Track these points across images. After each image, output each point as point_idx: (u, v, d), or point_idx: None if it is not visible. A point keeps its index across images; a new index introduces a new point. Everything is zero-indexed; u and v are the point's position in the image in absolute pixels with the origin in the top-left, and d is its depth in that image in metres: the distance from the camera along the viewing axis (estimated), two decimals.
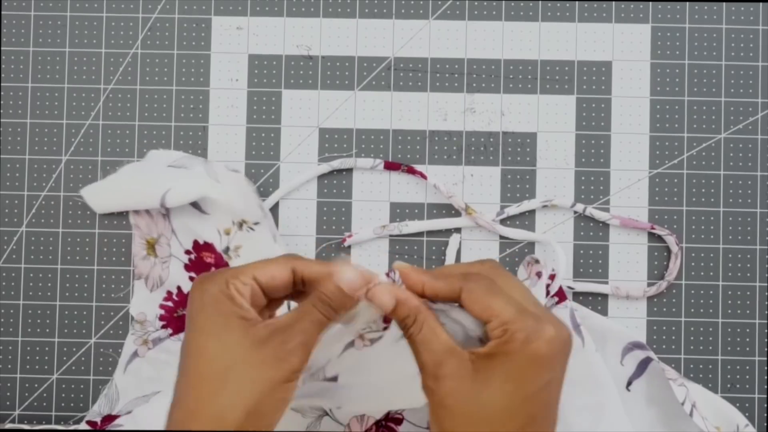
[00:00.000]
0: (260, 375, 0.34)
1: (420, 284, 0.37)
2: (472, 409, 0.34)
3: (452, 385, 0.34)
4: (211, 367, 0.34)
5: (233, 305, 0.35)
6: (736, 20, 0.56)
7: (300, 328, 0.35)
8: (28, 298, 0.56)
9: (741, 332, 0.55)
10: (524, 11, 0.56)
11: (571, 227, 0.56)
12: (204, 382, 0.34)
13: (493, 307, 0.34)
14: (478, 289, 0.35)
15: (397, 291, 0.37)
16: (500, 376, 0.34)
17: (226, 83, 0.57)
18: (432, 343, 0.35)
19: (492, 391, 0.34)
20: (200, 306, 0.35)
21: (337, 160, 0.55)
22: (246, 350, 0.34)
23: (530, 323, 0.34)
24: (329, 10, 0.57)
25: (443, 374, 0.34)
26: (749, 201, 0.55)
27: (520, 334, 0.33)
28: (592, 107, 0.56)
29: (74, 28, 0.57)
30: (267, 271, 0.36)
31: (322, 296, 0.36)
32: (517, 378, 0.33)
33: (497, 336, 0.34)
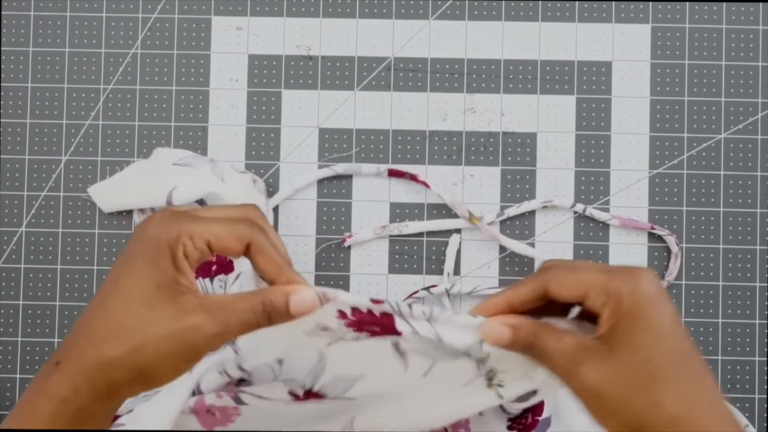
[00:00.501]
0: (165, 342, 0.33)
1: (504, 303, 0.36)
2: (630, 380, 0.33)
3: (598, 373, 0.33)
4: (123, 310, 0.33)
5: (173, 267, 0.34)
6: (736, 20, 0.56)
7: (226, 320, 0.34)
8: (28, 298, 0.56)
9: (741, 332, 0.55)
10: (524, 11, 0.56)
11: (571, 227, 0.56)
12: (109, 320, 0.33)
13: (583, 279, 0.34)
14: (560, 273, 0.35)
15: (508, 319, 0.35)
16: (635, 337, 0.33)
17: (226, 83, 0.57)
18: (560, 347, 0.34)
19: (637, 352, 0.33)
20: (144, 248, 0.34)
21: (341, 165, 0.55)
22: (164, 313, 0.33)
23: (623, 275, 0.34)
24: (329, 10, 0.57)
25: (585, 369, 0.33)
26: (749, 201, 0.55)
27: (624, 288, 0.33)
28: (592, 107, 0.56)
29: (74, 28, 0.57)
30: (223, 240, 0.35)
31: (268, 305, 0.35)
32: (649, 327, 0.33)
33: (602, 303, 0.34)
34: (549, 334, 0.35)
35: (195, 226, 0.35)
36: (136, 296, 0.33)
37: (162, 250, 0.34)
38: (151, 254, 0.34)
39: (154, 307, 0.33)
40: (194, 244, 0.34)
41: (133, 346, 0.33)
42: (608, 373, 0.33)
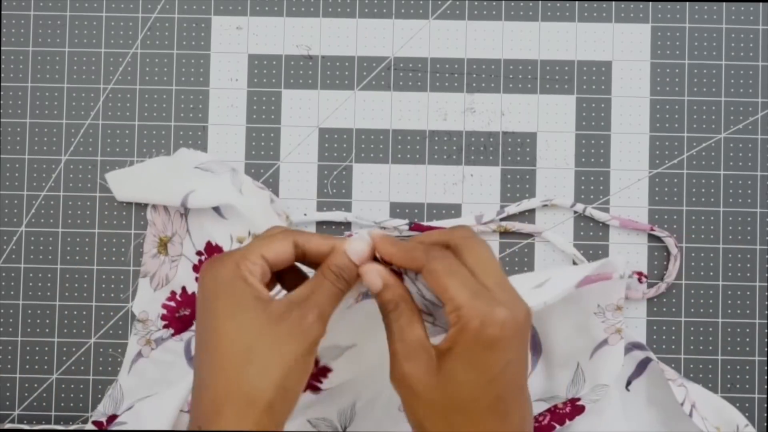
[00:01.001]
0: (283, 349, 0.34)
1: (387, 255, 0.38)
2: (440, 400, 0.35)
3: (420, 377, 0.35)
4: (234, 348, 0.34)
5: (247, 286, 0.35)
6: (736, 20, 0.56)
7: (315, 301, 0.36)
8: (27, 298, 0.56)
9: (741, 332, 0.55)
10: (524, 11, 0.56)
11: (571, 227, 0.56)
12: (230, 362, 0.34)
13: (449, 290, 0.35)
14: (438, 269, 0.35)
15: (385, 275, 0.37)
16: (461, 366, 0.34)
17: (225, 83, 0.57)
18: (406, 334, 0.36)
19: (457, 382, 0.34)
20: (214, 290, 0.35)
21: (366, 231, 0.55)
22: (266, 327, 0.34)
23: (482, 308, 0.34)
24: (329, 9, 0.57)
25: (411, 367, 0.35)
26: (749, 201, 0.55)
27: (474, 321, 0.33)
28: (592, 107, 0.56)
29: (74, 27, 0.57)
30: (272, 249, 0.37)
31: (334, 268, 0.37)
32: (476, 365, 0.34)
33: (453, 322, 0.34)
34: (406, 315, 0.36)
35: (244, 250, 0.36)
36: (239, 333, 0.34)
37: (230, 281, 0.35)
38: (224, 291, 0.35)
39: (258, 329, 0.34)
40: (253, 262, 0.36)
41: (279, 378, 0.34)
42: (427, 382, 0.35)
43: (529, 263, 0.55)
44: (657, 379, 0.53)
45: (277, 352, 0.34)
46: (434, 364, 0.35)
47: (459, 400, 0.34)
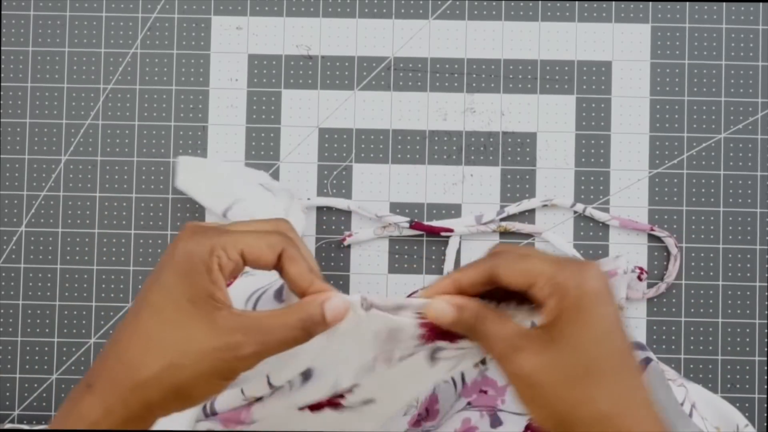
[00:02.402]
0: (202, 362, 0.32)
1: (452, 285, 0.36)
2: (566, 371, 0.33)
3: (535, 362, 0.33)
4: (159, 330, 0.32)
5: (208, 281, 0.33)
6: (736, 20, 0.56)
7: (263, 340, 0.33)
8: (27, 298, 0.56)
9: (741, 332, 0.55)
10: (524, 11, 0.56)
11: (571, 227, 0.56)
12: (146, 341, 0.32)
13: (532, 268, 0.34)
14: (510, 259, 0.35)
15: (452, 299, 0.35)
16: (575, 330, 0.33)
17: (225, 83, 0.57)
18: (501, 332, 0.34)
19: (576, 348, 0.33)
20: (175, 264, 0.33)
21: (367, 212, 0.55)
22: (200, 332, 0.32)
23: (571, 269, 0.33)
24: (329, 10, 0.57)
25: (522, 357, 0.33)
26: (749, 201, 0.55)
27: (571, 282, 0.33)
28: (592, 107, 0.56)
29: (74, 27, 0.57)
30: (255, 252, 0.34)
31: (306, 322, 0.34)
32: (589, 323, 0.33)
33: (547, 294, 0.33)
34: (492, 317, 0.35)
35: (228, 238, 0.34)
36: (169, 312, 0.33)
37: (195, 264, 0.33)
38: (183, 268, 0.33)
39: (189, 323, 0.32)
40: (228, 255, 0.34)
41: (168, 364, 0.32)
42: (544, 363, 0.33)
43: None
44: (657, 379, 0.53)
45: (195, 360, 0.32)
46: (544, 340, 0.33)
47: (584, 365, 0.33)
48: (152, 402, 0.32)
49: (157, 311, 0.33)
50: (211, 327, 0.32)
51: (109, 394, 0.32)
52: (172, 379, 0.32)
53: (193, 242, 0.34)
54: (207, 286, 0.33)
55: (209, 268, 0.33)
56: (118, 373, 0.32)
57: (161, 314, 0.33)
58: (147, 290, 0.34)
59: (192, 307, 0.33)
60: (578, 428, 0.33)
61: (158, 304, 0.33)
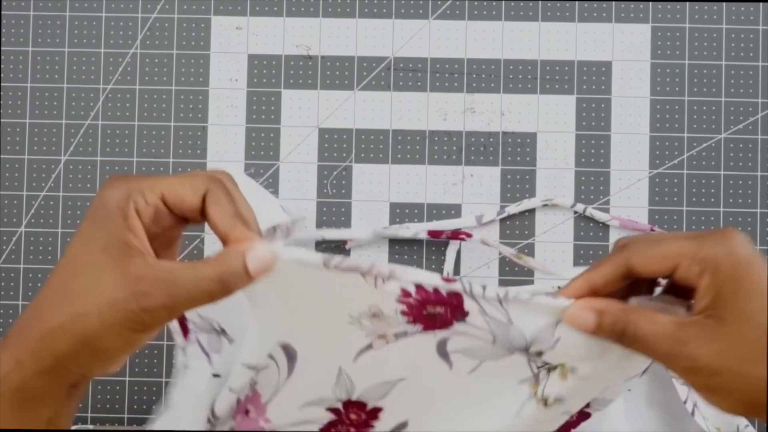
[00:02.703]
0: (109, 311, 0.30)
1: (585, 286, 0.33)
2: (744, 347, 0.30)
3: (710, 350, 0.31)
4: (71, 280, 0.31)
5: (123, 227, 0.31)
6: (736, 20, 0.56)
7: (172, 291, 0.31)
8: (27, 298, 0.56)
9: None
10: (524, 11, 0.56)
11: (571, 228, 0.56)
12: (57, 293, 0.31)
13: (671, 250, 0.32)
14: (643, 247, 0.32)
15: (592, 302, 0.33)
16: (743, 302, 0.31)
17: (225, 83, 0.57)
18: (658, 330, 0.31)
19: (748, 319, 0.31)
20: (93, 213, 0.32)
21: (391, 228, 0.55)
22: (108, 280, 0.31)
23: (714, 239, 0.31)
24: (329, 10, 0.57)
25: (692, 349, 0.31)
26: (749, 201, 0.55)
27: (720, 253, 0.31)
28: (592, 107, 0.56)
29: (73, 27, 0.57)
30: (176, 192, 0.32)
31: (224, 275, 0.31)
32: (756, 289, 0.31)
33: (697, 273, 0.31)
34: (641, 316, 0.32)
35: (147, 181, 0.32)
36: (80, 260, 0.31)
37: (110, 210, 0.31)
38: (98, 215, 0.32)
39: (98, 271, 0.31)
40: (146, 200, 0.32)
41: (74, 313, 0.31)
42: (720, 348, 0.30)
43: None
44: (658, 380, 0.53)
45: (102, 309, 0.30)
46: (711, 324, 0.31)
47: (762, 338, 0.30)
48: (61, 353, 0.31)
49: (70, 261, 0.32)
50: (121, 275, 0.31)
51: (19, 346, 0.31)
52: (79, 329, 0.31)
53: (111, 189, 0.32)
54: (121, 233, 0.31)
55: (125, 213, 0.31)
56: (29, 325, 0.32)
57: (74, 264, 0.32)
58: (70, 243, 0.32)
59: (104, 255, 0.31)
60: None
61: (73, 254, 0.32)
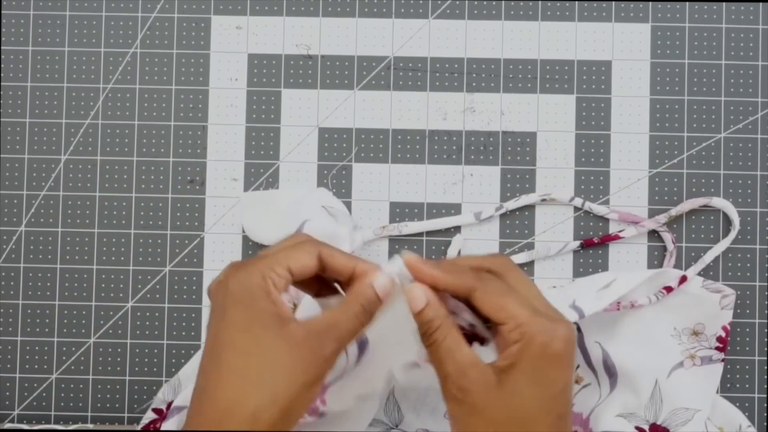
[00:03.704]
0: (295, 375, 0.34)
1: (430, 278, 0.37)
2: (502, 416, 0.34)
3: (480, 394, 0.34)
4: (245, 364, 0.34)
5: (270, 302, 0.34)
6: (736, 20, 0.56)
7: (336, 334, 0.35)
8: (27, 297, 0.56)
9: (741, 332, 0.55)
10: (524, 11, 0.56)
11: (571, 227, 0.55)
12: (238, 378, 0.34)
13: (508, 309, 0.35)
14: (492, 290, 0.36)
15: (429, 293, 0.36)
16: (526, 381, 0.34)
17: (225, 83, 0.57)
18: (456, 354, 0.35)
19: (521, 398, 0.34)
20: (234, 298, 0.35)
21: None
22: (281, 350, 0.34)
23: (546, 324, 0.34)
24: (329, 9, 0.57)
25: (469, 385, 0.35)
26: (749, 200, 0.55)
27: (540, 336, 0.34)
28: (592, 107, 0.56)
29: (73, 27, 0.57)
30: (299, 261, 0.36)
31: (364, 303, 0.36)
32: (542, 380, 0.34)
33: (514, 339, 0.34)
34: (452, 334, 0.36)
35: (272, 259, 0.36)
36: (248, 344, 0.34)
37: (254, 292, 0.34)
38: (245, 300, 0.34)
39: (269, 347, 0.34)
40: (278, 274, 0.35)
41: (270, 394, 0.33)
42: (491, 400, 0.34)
43: (530, 264, 0.55)
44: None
45: (288, 377, 0.34)
46: (492, 380, 0.34)
47: (522, 417, 0.34)
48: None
49: (236, 347, 0.34)
50: (290, 342, 0.34)
51: None
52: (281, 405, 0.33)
53: (242, 274, 0.35)
54: (271, 308, 0.34)
55: (267, 291, 0.35)
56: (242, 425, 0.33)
57: (242, 349, 0.34)
58: (217, 333, 0.35)
59: (266, 332, 0.34)
60: None
61: (235, 340, 0.34)
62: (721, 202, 0.54)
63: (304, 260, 0.36)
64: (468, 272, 0.37)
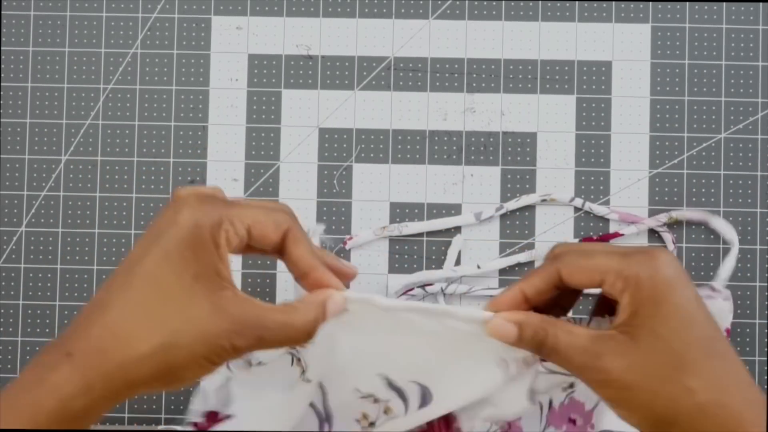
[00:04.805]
0: (196, 347, 0.30)
1: (519, 295, 0.34)
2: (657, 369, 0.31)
3: (621, 365, 0.31)
4: (158, 306, 0.30)
5: (216, 256, 0.31)
6: (736, 20, 0.56)
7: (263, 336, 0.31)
8: (27, 298, 0.56)
9: (741, 332, 0.55)
10: (524, 11, 0.56)
11: (571, 227, 0.56)
12: (144, 317, 0.30)
13: (597, 265, 0.32)
14: (572, 259, 0.33)
15: (513, 315, 0.34)
16: (658, 323, 0.31)
17: (225, 83, 0.57)
18: (575, 341, 0.32)
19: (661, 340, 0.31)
20: (181, 233, 0.31)
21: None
22: (203, 312, 0.30)
23: (640, 258, 0.32)
24: (329, 9, 0.57)
25: (606, 362, 0.32)
26: (749, 201, 0.55)
27: (643, 273, 0.32)
28: (592, 107, 0.56)
29: (74, 27, 0.57)
30: (262, 226, 0.33)
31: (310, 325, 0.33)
32: (672, 312, 0.31)
33: (619, 289, 0.32)
34: (559, 328, 0.33)
35: (237, 211, 0.32)
36: (170, 286, 0.30)
37: (203, 236, 0.31)
38: (190, 240, 0.31)
39: (191, 301, 0.30)
40: (236, 230, 0.32)
41: (165, 343, 0.29)
42: (631, 363, 0.31)
43: (530, 264, 0.55)
44: None
45: (191, 344, 0.30)
46: (625, 340, 0.32)
47: (673, 357, 0.31)
48: (138, 380, 0.30)
49: (156, 283, 0.30)
50: (215, 309, 0.30)
51: (92, 368, 0.29)
52: (167, 360, 0.30)
53: (200, 212, 0.31)
54: (214, 262, 0.31)
55: (217, 242, 0.31)
56: (107, 347, 0.29)
57: (161, 287, 0.30)
58: (144, 257, 0.31)
59: (196, 284, 0.30)
60: (680, 424, 0.31)
61: (158, 275, 0.30)
62: (720, 224, 0.54)
63: (268, 230, 0.33)
64: (543, 265, 0.34)
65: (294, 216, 0.35)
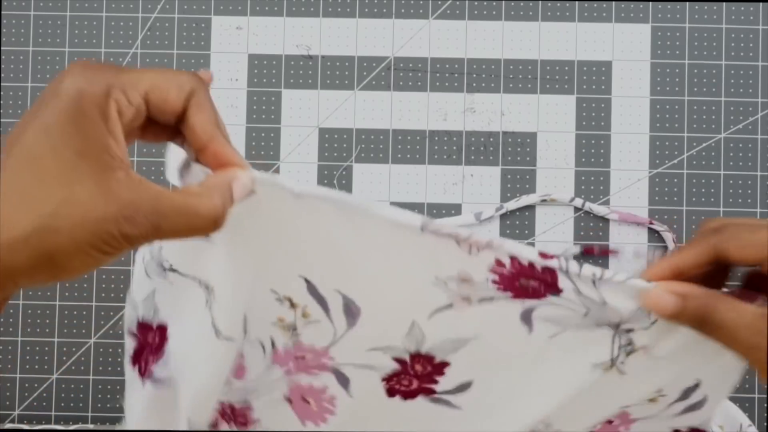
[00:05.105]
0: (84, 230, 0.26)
1: (670, 269, 0.32)
2: None
3: None
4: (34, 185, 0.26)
5: (103, 129, 0.27)
6: (736, 20, 0.56)
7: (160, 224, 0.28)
8: (27, 298, 0.56)
9: None
10: (524, 11, 0.57)
11: (571, 227, 0.56)
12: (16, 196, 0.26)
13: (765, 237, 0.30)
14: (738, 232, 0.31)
15: (676, 286, 0.31)
16: None
17: (225, 83, 0.57)
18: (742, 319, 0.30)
19: None
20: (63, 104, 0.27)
21: None
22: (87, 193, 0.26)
23: None
24: (329, 9, 0.57)
25: None
26: (749, 201, 0.55)
27: None
28: (592, 107, 0.56)
29: (74, 27, 0.57)
30: (162, 91, 0.29)
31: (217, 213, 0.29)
32: None
33: None
34: (726, 304, 0.30)
35: (129, 76, 0.28)
36: (50, 163, 0.26)
37: (87, 107, 0.27)
38: (71, 111, 0.27)
39: (74, 180, 0.26)
40: (129, 99, 0.28)
41: (42, 226, 0.26)
42: None
43: None
44: None
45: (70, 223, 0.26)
46: None
47: None
48: (17, 267, 0.26)
49: (33, 160, 0.26)
50: (101, 190, 0.26)
51: None
52: (44, 245, 0.26)
53: (84, 80, 0.27)
54: (101, 137, 0.27)
55: (105, 113, 0.27)
56: None
57: (39, 164, 0.26)
58: (23, 130, 0.27)
59: (80, 161, 0.26)
60: None
61: (36, 150, 0.26)
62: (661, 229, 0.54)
63: (170, 95, 0.29)
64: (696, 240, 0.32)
65: (201, 81, 0.31)
